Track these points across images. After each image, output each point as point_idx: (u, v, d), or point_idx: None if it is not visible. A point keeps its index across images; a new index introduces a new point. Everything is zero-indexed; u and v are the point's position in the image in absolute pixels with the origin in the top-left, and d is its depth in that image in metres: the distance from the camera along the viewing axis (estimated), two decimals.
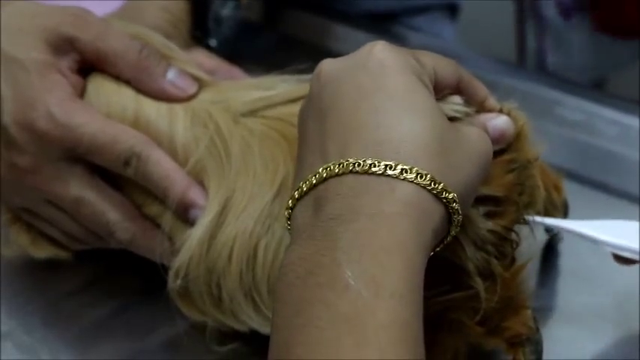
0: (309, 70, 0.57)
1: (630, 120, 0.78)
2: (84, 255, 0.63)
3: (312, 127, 0.44)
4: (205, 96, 0.58)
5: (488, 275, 0.48)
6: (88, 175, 0.56)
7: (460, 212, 0.42)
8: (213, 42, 0.78)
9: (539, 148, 0.53)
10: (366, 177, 0.40)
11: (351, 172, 0.40)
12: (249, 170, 0.53)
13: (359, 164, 0.40)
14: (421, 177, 0.40)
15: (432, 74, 0.46)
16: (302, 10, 1.04)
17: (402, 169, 0.40)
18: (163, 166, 0.54)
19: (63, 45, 0.56)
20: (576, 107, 0.80)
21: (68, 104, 0.54)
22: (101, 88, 0.57)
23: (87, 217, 0.57)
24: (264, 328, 0.53)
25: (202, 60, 0.64)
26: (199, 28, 0.75)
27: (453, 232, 0.43)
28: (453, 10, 1.17)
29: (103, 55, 0.57)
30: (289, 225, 0.43)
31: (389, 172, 0.40)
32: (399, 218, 0.39)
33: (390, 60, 0.44)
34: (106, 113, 0.56)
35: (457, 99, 0.48)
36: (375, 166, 0.40)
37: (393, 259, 0.38)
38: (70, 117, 0.54)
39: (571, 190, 0.64)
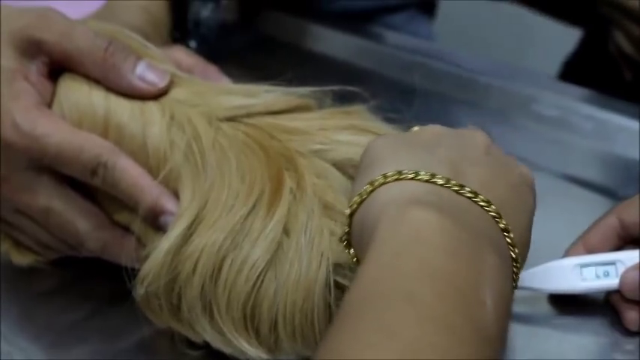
0: (295, 80, 0.58)
1: (605, 115, 0.79)
2: (57, 258, 0.62)
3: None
4: (184, 97, 0.56)
5: None
6: (57, 184, 0.55)
7: None
8: (192, 43, 0.78)
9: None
10: None
11: None
12: (225, 181, 0.52)
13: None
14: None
15: None
16: (278, 10, 1.04)
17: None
18: (131, 174, 0.53)
19: (30, 48, 0.55)
20: (552, 103, 0.81)
21: (33, 113, 0.53)
22: (71, 90, 0.56)
23: (56, 227, 0.56)
24: (215, 342, 0.52)
25: (181, 57, 0.64)
26: (179, 29, 0.74)
27: None
28: (429, 8, 1.17)
29: (69, 55, 0.55)
30: None
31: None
32: None
33: None
34: (77, 118, 0.55)
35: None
36: None
37: None
38: (35, 127, 0.53)
39: (548, 185, 0.64)
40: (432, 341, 0.35)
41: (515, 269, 0.44)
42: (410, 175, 0.43)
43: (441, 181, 0.43)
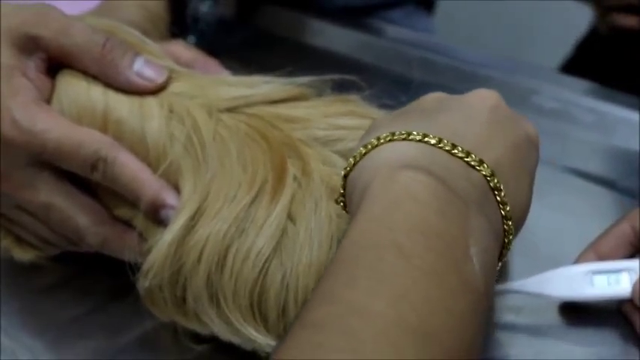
0: (294, 73, 0.57)
1: (605, 107, 0.79)
2: (58, 254, 0.62)
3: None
4: (183, 90, 0.56)
5: None
6: (57, 180, 0.55)
7: None
8: (191, 39, 0.78)
9: None
10: None
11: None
12: (226, 172, 0.52)
13: None
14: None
15: None
16: (276, 5, 1.04)
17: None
18: (131, 169, 0.53)
19: (28, 44, 0.55)
20: (552, 95, 0.81)
21: (32, 109, 0.53)
22: (70, 86, 0.56)
23: (57, 223, 0.56)
24: (223, 332, 0.52)
25: (180, 51, 0.64)
26: (177, 25, 0.74)
27: None
28: (427, 4, 1.17)
29: (67, 51, 0.55)
30: None
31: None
32: None
33: None
34: (76, 113, 0.55)
35: None
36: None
37: None
38: (34, 123, 0.53)
39: (548, 177, 0.64)
40: (422, 289, 0.36)
41: (506, 226, 0.44)
42: (402, 136, 0.44)
43: (433, 141, 0.43)
